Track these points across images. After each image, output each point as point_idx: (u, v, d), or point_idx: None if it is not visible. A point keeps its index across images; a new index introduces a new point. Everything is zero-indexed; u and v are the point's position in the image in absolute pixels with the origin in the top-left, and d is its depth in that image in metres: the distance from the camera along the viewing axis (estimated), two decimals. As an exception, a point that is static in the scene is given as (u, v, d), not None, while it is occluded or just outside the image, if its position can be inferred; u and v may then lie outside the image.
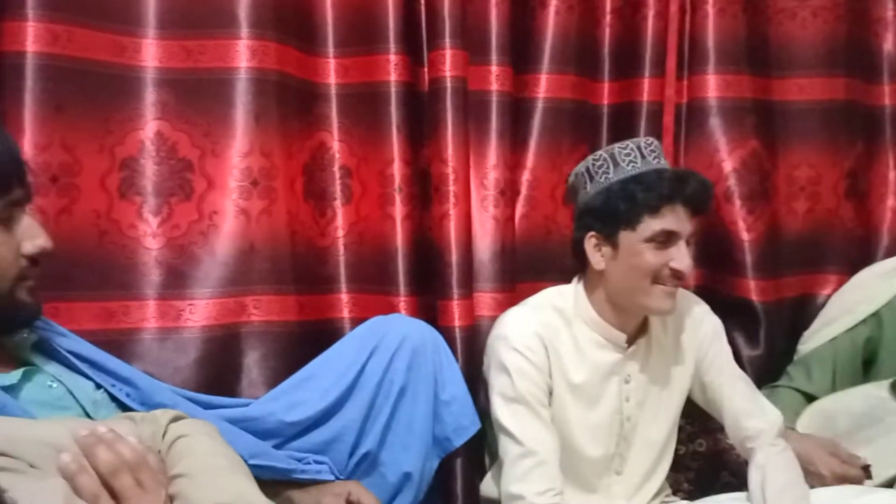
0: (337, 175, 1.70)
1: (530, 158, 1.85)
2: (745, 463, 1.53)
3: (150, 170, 1.53)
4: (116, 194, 1.51)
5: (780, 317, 1.96)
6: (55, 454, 0.83)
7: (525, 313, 1.52)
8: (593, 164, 1.48)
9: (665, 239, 1.41)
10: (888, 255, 2.02)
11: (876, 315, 1.81)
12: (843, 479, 1.52)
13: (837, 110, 2.01)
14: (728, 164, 1.94)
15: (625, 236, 1.42)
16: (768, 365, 1.93)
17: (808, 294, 2.03)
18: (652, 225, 1.40)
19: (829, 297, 1.99)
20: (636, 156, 1.45)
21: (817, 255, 2.02)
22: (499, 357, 1.47)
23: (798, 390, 1.80)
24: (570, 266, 1.59)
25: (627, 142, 1.48)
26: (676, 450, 1.76)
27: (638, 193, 1.40)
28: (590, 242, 1.47)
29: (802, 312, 1.99)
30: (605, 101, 1.92)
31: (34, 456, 0.81)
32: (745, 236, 1.93)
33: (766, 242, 1.94)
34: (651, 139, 1.49)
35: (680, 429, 1.77)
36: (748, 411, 1.53)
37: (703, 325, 1.59)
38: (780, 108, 2.01)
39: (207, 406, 1.32)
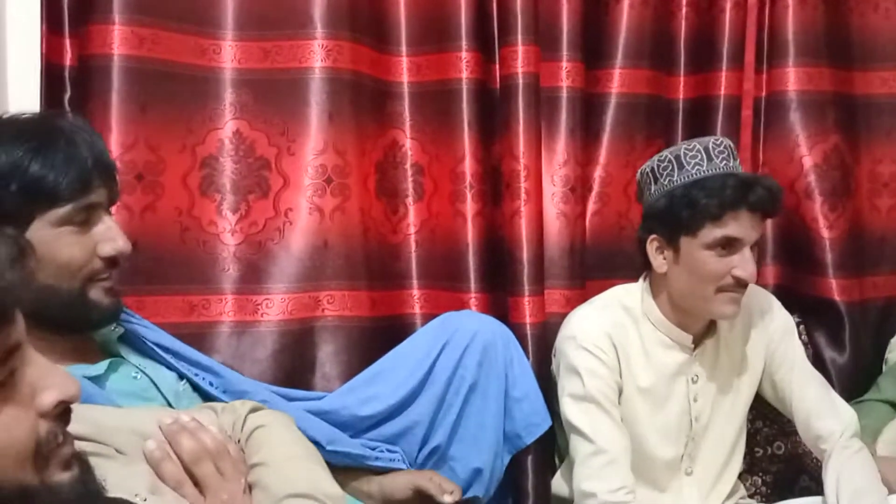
0: (409, 172, 1.72)
1: (603, 154, 1.83)
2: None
3: (228, 168, 1.58)
4: (197, 192, 1.56)
5: (865, 319, 1.89)
6: (141, 441, 0.87)
7: (593, 312, 1.51)
8: (658, 165, 1.45)
9: (727, 246, 1.37)
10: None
11: None
12: None
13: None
14: (809, 160, 1.89)
15: (686, 242, 1.40)
16: (855, 373, 1.86)
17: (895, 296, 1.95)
18: (713, 232, 1.37)
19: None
20: (702, 157, 1.41)
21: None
22: (568, 357, 1.47)
23: (887, 402, 1.72)
24: (643, 264, 1.57)
25: (695, 142, 1.44)
26: (754, 452, 1.73)
27: (700, 199, 1.36)
28: (651, 245, 1.45)
29: (889, 316, 1.92)
30: (681, 96, 1.88)
31: (121, 442, 0.84)
32: (826, 234, 1.87)
33: (848, 240, 1.89)
34: (721, 139, 1.45)
35: (758, 431, 1.74)
36: (819, 411, 1.48)
37: (773, 322, 1.55)
38: (862, 101, 1.94)
39: (284, 398, 1.36)
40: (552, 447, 1.60)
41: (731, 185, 1.36)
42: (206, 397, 1.21)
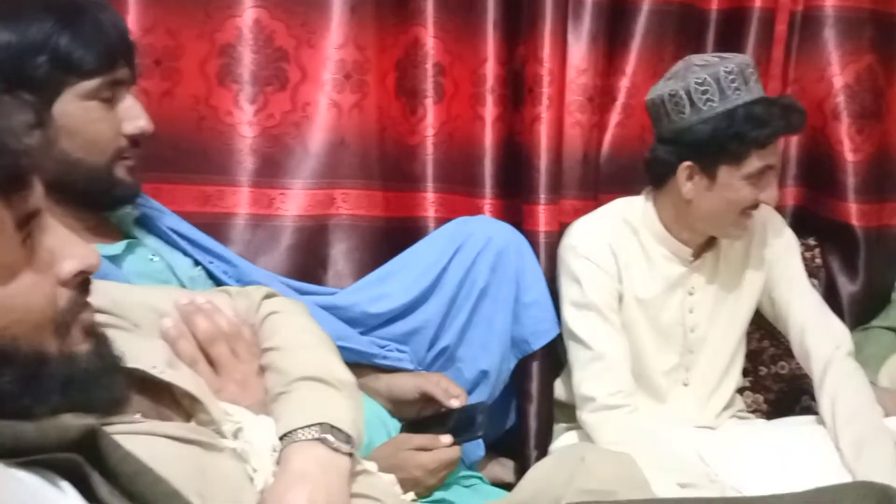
0: (430, 72, 1.68)
1: (630, 64, 1.78)
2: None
3: (247, 58, 1.54)
4: (215, 80, 1.53)
5: (881, 246, 1.87)
6: (158, 319, 0.88)
7: (594, 222, 1.52)
8: (696, 87, 1.38)
9: (762, 172, 1.38)
10: None
11: None
12: None
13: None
14: (840, 80, 1.83)
15: (725, 170, 1.39)
16: (866, 300, 1.85)
17: None
18: (756, 162, 1.37)
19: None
20: (741, 82, 1.37)
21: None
22: (569, 265, 1.48)
23: (893, 330, 1.72)
24: (652, 181, 1.54)
25: (729, 63, 1.39)
26: (758, 370, 1.75)
27: (750, 131, 1.34)
28: (684, 171, 1.42)
29: None
30: (714, 6, 1.82)
31: (138, 318, 0.85)
32: (850, 157, 1.84)
33: (872, 165, 1.85)
34: (749, 59, 1.43)
35: (763, 350, 1.75)
36: (813, 328, 1.50)
37: (776, 238, 1.56)
38: None
39: (297, 291, 1.37)
40: (558, 354, 1.62)
41: (776, 113, 1.35)
42: (219, 285, 1.22)
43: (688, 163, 1.42)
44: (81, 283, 0.66)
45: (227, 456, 0.77)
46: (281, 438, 0.82)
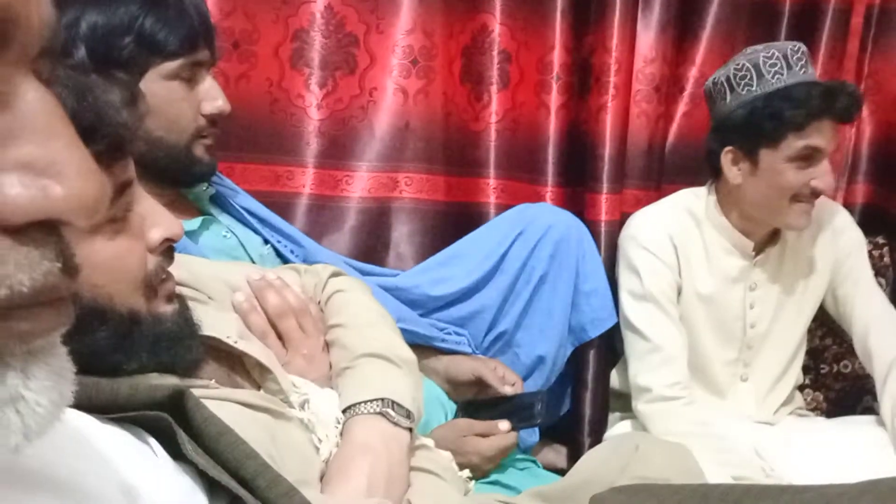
0: (496, 59, 1.69)
1: (700, 54, 1.76)
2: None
3: (318, 42, 1.58)
4: (288, 64, 1.57)
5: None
6: (230, 292, 0.92)
7: (656, 213, 1.51)
8: (735, 74, 1.39)
9: (808, 157, 1.34)
10: None
11: None
12: None
13: None
14: (918, 74, 1.78)
15: (766, 154, 1.37)
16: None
17: None
18: (796, 143, 1.33)
19: None
20: (782, 66, 1.35)
21: None
22: (629, 256, 1.48)
23: None
24: (710, 172, 1.53)
25: (772, 48, 1.38)
26: (819, 369, 1.72)
27: (785, 111, 1.32)
28: (727, 157, 1.41)
29: None
30: (788, -1, 1.79)
31: (213, 291, 0.89)
32: (926, 154, 1.79)
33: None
34: (798, 44, 1.39)
35: (826, 348, 1.72)
36: (878, 328, 1.47)
37: (843, 236, 1.53)
38: None
39: (359, 272, 1.40)
40: (615, 343, 1.62)
41: (816, 94, 1.33)
42: (287, 263, 1.26)
43: (730, 148, 1.40)
44: (167, 250, 0.70)
45: (294, 425, 0.80)
46: (344, 411, 0.85)
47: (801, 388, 1.65)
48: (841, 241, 1.53)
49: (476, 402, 1.36)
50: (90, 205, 0.29)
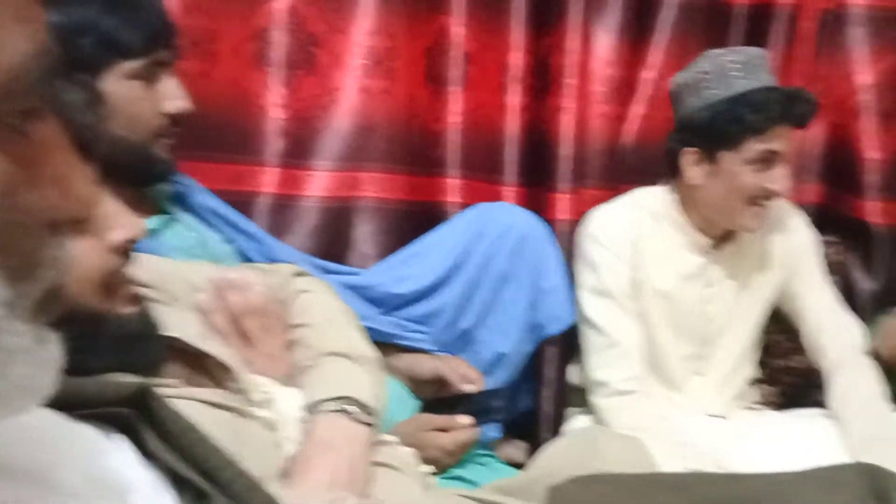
0: (457, 60, 1.71)
1: (656, 56, 1.79)
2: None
3: (280, 42, 1.58)
4: (249, 63, 1.57)
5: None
6: (193, 292, 0.93)
7: (614, 210, 1.54)
8: (699, 76, 1.43)
9: (767, 159, 1.38)
10: None
11: None
12: None
13: None
14: (866, 78, 1.84)
15: (726, 156, 1.40)
16: (883, 299, 1.85)
17: None
18: (755, 147, 1.38)
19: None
20: (745, 71, 1.40)
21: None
22: (587, 252, 1.51)
23: None
24: (669, 172, 1.56)
25: (736, 53, 1.43)
26: (771, 364, 1.77)
27: (746, 115, 1.36)
28: (688, 157, 1.45)
29: None
30: (742, 1, 1.82)
31: (175, 291, 0.90)
32: (874, 155, 1.84)
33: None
34: (761, 50, 1.44)
35: (778, 343, 1.77)
36: (829, 325, 1.53)
37: (796, 235, 1.58)
38: None
39: (322, 270, 1.41)
40: (574, 340, 1.65)
41: (776, 99, 1.37)
42: (249, 262, 1.26)
43: (691, 149, 1.44)
44: (128, 250, 0.71)
45: (257, 424, 0.81)
46: (307, 409, 0.87)
47: (753, 382, 1.69)
48: (794, 239, 1.57)
49: (440, 400, 1.38)
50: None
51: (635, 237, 1.50)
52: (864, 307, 1.79)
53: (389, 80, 1.63)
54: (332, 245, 1.63)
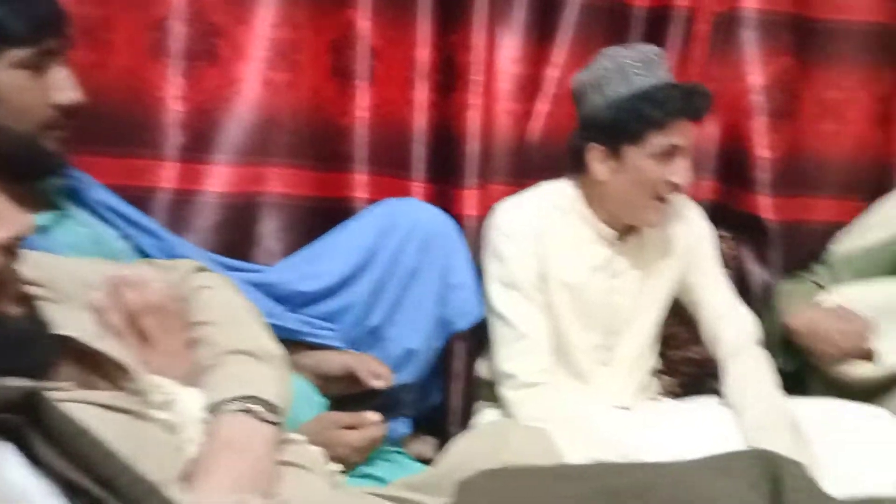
0: (363, 55, 1.69)
1: (559, 55, 1.82)
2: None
3: (179, 32, 1.53)
4: (146, 54, 1.52)
5: (796, 240, 1.94)
6: (87, 290, 0.89)
7: (520, 203, 1.56)
8: (601, 74, 1.47)
9: (669, 153, 1.43)
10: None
11: None
12: (850, 351, 1.59)
13: (875, 34, 1.95)
14: (757, 79, 1.91)
15: (630, 151, 1.44)
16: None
17: (826, 220, 1.98)
18: (658, 141, 1.42)
19: (846, 224, 1.94)
20: (644, 68, 1.44)
21: (840, 180, 1.99)
22: (494, 245, 1.53)
23: (819, 286, 1.79)
24: (574, 168, 1.59)
25: (635, 51, 1.47)
26: (670, 355, 1.83)
27: (648, 111, 1.41)
28: (593, 154, 1.48)
29: (818, 237, 1.94)
30: (640, 3, 1.87)
31: (68, 289, 0.86)
32: (766, 154, 1.91)
33: (786, 162, 1.92)
34: (657, 48, 1.49)
35: (676, 335, 1.83)
36: (726, 315, 1.60)
37: (694, 227, 1.64)
38: (819, 26, 1.94)
39: (225, 267, 1.37)
40: (483, 335, 1.66)
41: (676, 95, 1.42)
42: (147, 258, 1.21)
43: (596, 145, 1.47)
44: (13, 248, 0.67)
45: (156, 426, 0.78)
46: (209, 410, 0.84)
47: (654, 372, 1.75)
48: (693, 232, 1.63)
49: (347, 397, 1.36)
50: None
51: (541, 229, 1.52)
52: (757, 299, 1.87)
53: (294, 73, 1.60)
54: (235, 242, 1.60)
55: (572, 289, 1.55)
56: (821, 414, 1.44)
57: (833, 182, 1.99)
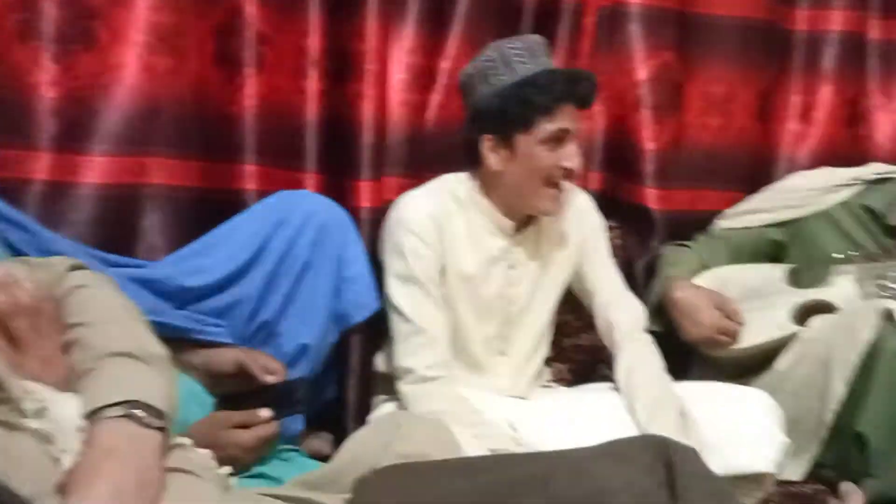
0: (250, 41, 1.64)
1: (452, 47, 1.82)
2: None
3: (51, 14, 1.45)
4: (14, 37, 1.42)
5: (679, 229, 2.01)
6: (-53, 292, 0.82)
7: (421, 197, 1.56)
8: (485, 65, 1.48)
9: (558, 138, 1.46)
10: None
11: (794, 224, 1.87)
12: (719, 331, 1.69)
13: (756, 29, 2.04)
14: (641, 73, 1.97)
15: (521, 139, 1.47)
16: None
17: (709, 210, 2.04)
18: (546, 126, 1.45)
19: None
20: (528, 56, 1.47)
21: (722, 172, 2.07)
22: (395, 239, 1.52)
23: (701, 258, 1.90)
24: (469, 162, 1.60)
25: (517, 41, 1.50)
26: (561, 342, 1.87)
27: (533, 97, 1.43)
28: (486, 144, 1.50)
29: (701, 228, 2.01)
30: (531, -5, 1.90)
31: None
32: (650, 146, 1.98)
33: (670, 154, 2.00)
34: (539, 37, 1.52)
35: (567, 323, 1.87)
36: (617, 303, 1.65)
37: (587, 218, 1.68)
38: (703, 21, 2.01)
39: (105, 263, 1.31)
40: (379, 328, 1.65)
41: (560, 80, 1.45)
42: (19, 255, 1.14)
43: (487, 136, 1.49)
44: None
45: (28, 436, 0.73)
46: (88, 417, 0.79)
47: (547, 360, 1.78)
48: (586, 222, 1.67)
49: (236, 394, 1.31)
50: None
51: (442, 223, 1.52)
52: (642, 286, 1.94)
53: (176, 58, 1.54)
54: (116, 236, 1.52)
55: (470, 281, 1.56)
56: (703, 396, 1.50)
57: (716, 174, 2.08)
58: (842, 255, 1.76)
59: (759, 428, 1.44)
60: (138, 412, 0.79)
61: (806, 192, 1.90)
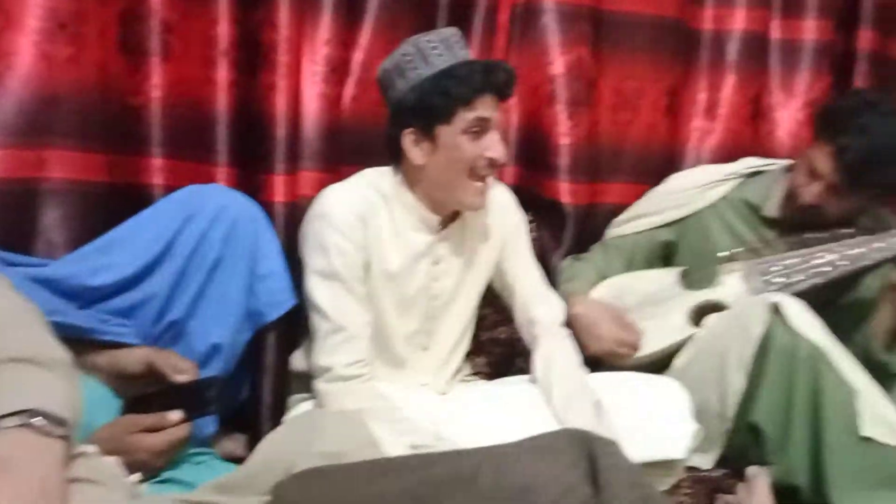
0: (156, 29, 1.58)
1: (366, 39, 1.80)
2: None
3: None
4: None
5: (591, 222, 2.06)
6: None
7: (345, 191, 1.53)
8: (402, 59, 1.48)
9: (480, 128, 1.46)
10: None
11: (681, 222, 1.94)
12: (620, 343, 1.73)
13: (666, 27, 2.10)
14: (554, 68, 1.99)
15: (442, 130, 1.46)
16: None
17: (619, 203, 2.10)
18: (466, 116, 1.45)
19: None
20: (444, 49, 1.47)
21: (632, 166, 2.13)
22: (317, 234, 1.48)
23: (597, 267, 1.95)
24: (392, 159, 1.59)
25: (433, 34, 1.49)
26: (479, 336, 1.88)
27: (451, 88, 1.43)
28: (408, 138, 1.49)
29: (609, 220, 2.07)
30: (446, -8, 1.89)
31: None
32: (563, 141, 2.00)
33: (582, 148, 2.03)
34: (455, 30, 1.52)
35: (486, 317, 1.88)
36: (537, 298, 1.68)
37: (509, 214, 1.69)
38: (613, 18, 2.05)
39: (1, 262, 1.24)
40: (295, 325, 1.61)
41: (477, 70, 1.45)
42: None
43: (409, 129, 1.48)
44: None
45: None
46: (-18, 428, 0.74)
47: (466, 354, 1.78)
48: (508, 218, 1.68)
49: (144, 395, 1.26)
50: None
51: (367, 218, 1.50)
52: (556, 279, 1.96)
53: (76, 46, 1.46)
54: (12, 233, 1.44)
55: (394, 277, 1.54)
56: (616, 385, 1.53)
57: (625, 168, 2.13)
58: (727, 254, 1.84)
59: (670, 415, 1.48)
60: (37, 421, 0.74)
61: (688, 190, 1.96)
